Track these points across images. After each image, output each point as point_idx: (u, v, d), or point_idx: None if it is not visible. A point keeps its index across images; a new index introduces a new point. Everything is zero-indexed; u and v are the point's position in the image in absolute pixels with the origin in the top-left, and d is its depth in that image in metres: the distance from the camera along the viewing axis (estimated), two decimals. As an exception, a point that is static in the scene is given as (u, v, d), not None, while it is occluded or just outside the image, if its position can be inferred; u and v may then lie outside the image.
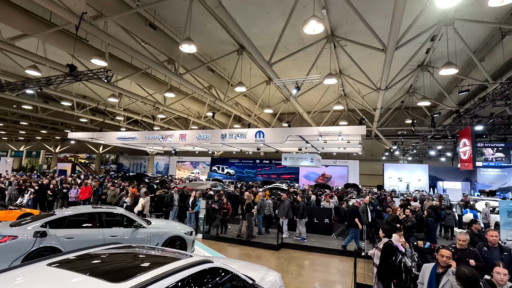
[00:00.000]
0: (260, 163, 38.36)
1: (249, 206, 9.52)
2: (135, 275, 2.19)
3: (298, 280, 6.18)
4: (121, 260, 2.84)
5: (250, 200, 9.80)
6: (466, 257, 4.32)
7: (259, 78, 18.42)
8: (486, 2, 7.04)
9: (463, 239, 4.53)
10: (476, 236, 5.87)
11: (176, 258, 2.73)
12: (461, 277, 2.62)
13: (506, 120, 15.69)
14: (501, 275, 3.04)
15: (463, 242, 4.50)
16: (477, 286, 2.54)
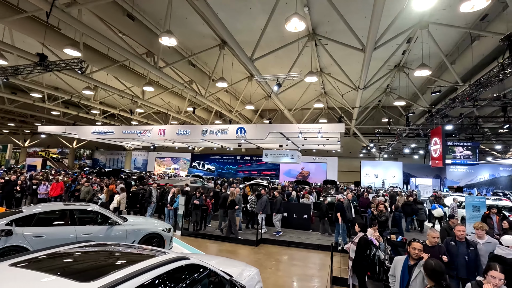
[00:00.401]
0: (241, 160, 38.35)
1: (232, 202, 9.49)
2: (106, 273, 2.10)
3: (276, 275, 6.26)
4: (92, 258, 2.72)
5: (234, 197, 9.77)
6: (437, 253, 4.17)
7: (241, 74, 18.32)
8: (458, 7, 7.37)
9: (435, 236, 4.33)
10: (452, 230, 5.79)
11: (151, 255, 2.66)
12: (428, 268, 2.76)
13: (474, 121, 16.65)
14: (497, 280, 2.81)
15: (433, 239, 4.31)
16: (442, 277, 2.70)
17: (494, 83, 10.31)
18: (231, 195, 9.77)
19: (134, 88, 19.43)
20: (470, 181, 31.69)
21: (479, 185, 31.18)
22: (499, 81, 10.11)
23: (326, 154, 33.16)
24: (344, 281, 5.40)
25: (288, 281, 6.01)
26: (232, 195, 9.71)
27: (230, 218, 9.38)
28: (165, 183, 14.55)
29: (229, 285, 3.02)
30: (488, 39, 11.06)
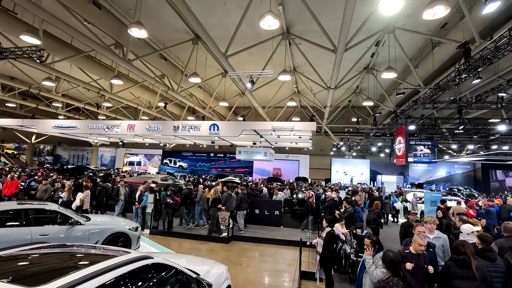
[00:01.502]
0: (215, 157, 37.96)
1: (215, 200, 9.42)
2: (57, 277, 1.94)
3: (246, 272, 6.29)
4: (44, 261, 2.51)
5: (216, 195, 9.68)
6: (422, 263, 3.58)
7: (215, 70, 18.08)
8: (421, 14, 7.81)
9: (423, 243, 3.67)
10: (411, 227, 5.60)
11: (111, 255, 2.52)
12: (386, 260, 2.93)
13: (433, 122, 17.85)
14: None
15: (420, 247, 3.66)
16: (399, 267, 2.88)
17: (451, 87, 11.11)
18: (214, 193, 9.73)
19: (101, 81, 18.44)
20: (429, 178, 34.07)
21: (437, 182, 33.63)
22: (455, 85, 10.90)
23: (299, 152, 33.83)
24: (311, 275, 5.55)
25: (258, 277, 6.06)
26: (215, 193, 9.66)
27: (212, 216, 9.31)
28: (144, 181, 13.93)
29: (195, 283, 2.97)
30: (447, 45, 11.86)
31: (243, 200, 9.97)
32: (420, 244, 3.68)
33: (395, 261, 2.91)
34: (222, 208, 9.75)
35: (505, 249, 4.05)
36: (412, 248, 3.75)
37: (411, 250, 3.74)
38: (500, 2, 6.33)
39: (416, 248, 3.69)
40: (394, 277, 2.87)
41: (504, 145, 21.57)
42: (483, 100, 13.50)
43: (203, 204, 10.17)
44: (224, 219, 9.84)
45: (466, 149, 25.84)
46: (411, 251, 3.72)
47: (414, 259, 3.58)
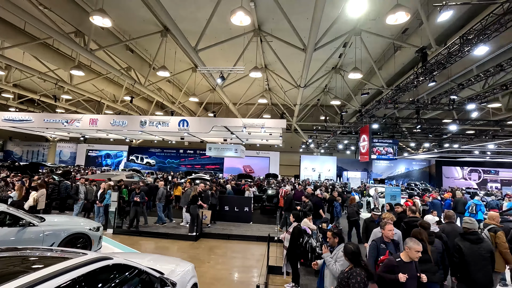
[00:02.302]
0: (184, 153, 37.12)
1: (194, 198, 9.23)
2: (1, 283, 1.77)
3: (215, 269, 6.25)
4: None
5: (196, 192, 9.44)
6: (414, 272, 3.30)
7: (185, 64, 17.61)
8: (385, 19, 8.22)
9: (419, 249, 3.30)
10: (372, 222, 5.85)
11: (65, 258, 2.35)
12: (348, 252, 3.07)
13: (394, 121, 19.00)
14: None
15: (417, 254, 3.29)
16: (360, 258, 3.03)
17: (410, 88, 11.88)
18: (194, 190, 9.60)
19: (60, 71, 17.12)
20: (390, 174, 36.36)
21: (397, 177, 35.98)
22: (414, 87, 11.67)
23: (269, 149, 34.23)
24: (279, 269, 5.66)
25: (226, 273, 6.06)
26: (195, 191, 9.54)
27: (193, 213, 9.18)
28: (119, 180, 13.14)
29: (158, 283, 2.89)
30: (408, 50, 12.64)
31: (205, 197, 9.88)
32: (417, 250, 3.27)
33: (356, 253, 3.06)
34: (204, 205, 9.68)
35: (446, 232, 4.88)
36: (405, 255, 3.32)
37: (403, 258, 3.32)
38: (453, 12, 6.86)
39: (412, 256, 3.28)
40: (356, 267, 3.01)
41: (455, 143, 23.59)
42: (437, 102, 14.62)
43: (163, 201, 9.95)
44: (205, 217, 9.72)
45: (422, 147, 27.88)
46: (402, 259, 3.31)
47: (407, 268, 3.22)
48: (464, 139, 23.09)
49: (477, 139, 21.71)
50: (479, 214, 9.60)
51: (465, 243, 4.12)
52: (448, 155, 29.79)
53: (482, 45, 7.76)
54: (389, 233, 4.18)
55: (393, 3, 8.20)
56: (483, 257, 4.00)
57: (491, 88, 13.21)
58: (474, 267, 3.92)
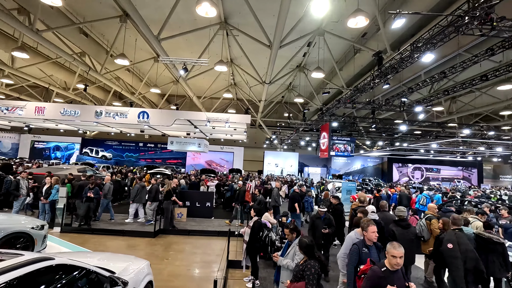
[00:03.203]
0: (144, 147, 35.47)
1: (168, 193, 8.98)
2: None
3: (173, 265, 6.10)
4: None
5: (170, 187, 9.19)
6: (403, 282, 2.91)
7: (146, 53, 16.74)
8: (346, 22, 8.60)
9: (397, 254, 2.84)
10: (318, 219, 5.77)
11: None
12: (302, 245, 3.18)
13: (353, 120, 20.09)
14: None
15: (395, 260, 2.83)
16: (314, 250, 3.16)
17: (367, 90, 12.62)
18: (167, 185, 9.33)
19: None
20: (347, 170, 38.55)
21: (353, 173, 38.26)
22: (370, 88, 12.41)
23: (233, 144, 34.16)
24: (238, 264, 5.70)
25: (185, 269, 5.95)
26: (168, 186, 9.27)
27: (166, 209, 8.89)
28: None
29: (108, 283, 2.73)
30: (366, 53, 13.37)
31: (157, 192, 9.55)
32: (394, 255, 2.82)
33: (310, 246, 3.18)
34: (180, 203, 9.42)
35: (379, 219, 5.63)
36: (388, 263, 2.89)
37: (388, 266, 2.90)
38: (405, 20, 7.41)
39: (390, 262, 2.88)
40: (311, 260, 3.13)
41: (404, 142, 25.70)
42: (390, 103, 15.75)
43: (111, 197, 9.48)
44: (180, 215, 9.35)
45: (376, 145, 29.93)
46: (388, 267, 2.89)
47: (395, 279, 2.81)
48: (412, 138, 25.25)
49: (423, 139, 23.87)
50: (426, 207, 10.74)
51: (397, 228, 4.96)
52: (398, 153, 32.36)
53: (429, 53, 8.49)
54: (372, 235, 3.66)
55: (354, 7, 8.61)
56: (410, 239, 4.93)
57: (436, 93, 14.58)
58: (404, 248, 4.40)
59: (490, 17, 6.45)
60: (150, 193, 9.46)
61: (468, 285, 4.05)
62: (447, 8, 9.17)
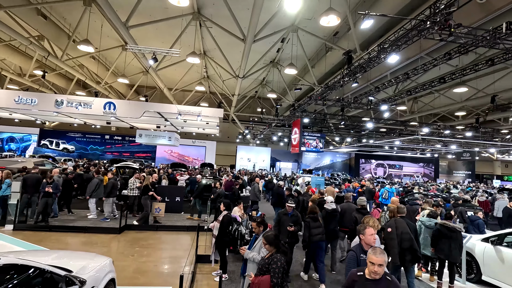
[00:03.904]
0: (110, 139, 33.78)
1: (146, 188, 8.72)
2: None
3: (138, 262, 5.90)
4: None
5: (148, 182, 8.88)
6: None
7: (114, 40, 15.85)
8: (319, 20, 8.76)
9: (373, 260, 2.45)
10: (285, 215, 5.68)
11: None
12: (268, 240, 3.22)
13: (323, 116, 20.67)
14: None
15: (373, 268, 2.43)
16: (280, 244, 3.22)
17: (337, 88, 13.01)
18: (146, 180, 8.96)
19: None
20: (317, 165, 39.74)
21: (323, 168, 39.53)
22: (340, 86, 12.81)
23: (206, 138, 33.70)
24: (207, 258, 5.66)
25: (151, 265, 5.78)
26: (147, 180, 8.92)
27: (144, 205, 8.61)
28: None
29: (63, 282, 2.57)
30: (337, 51, 13.76)
31: (114, 186, 9.20)
32: (372, 261, 2.44)
33: (276, 240, 3.24)
34: (158, 198, 9.13)
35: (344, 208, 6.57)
36: (369, 271, 2.49)
37: (366, 273, 2.54)
38: (374, 21, 7.71)
39: (369, 270, 2.49)
40: (277, 253, 3.17)
41: (371, 139, 26.98)
42: (359, 101, 16.41)
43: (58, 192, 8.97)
44: (158, 210, 9.00)
45: (345, 141, 31.12)
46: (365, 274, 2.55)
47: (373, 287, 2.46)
48: (377, 135, 26.58)
49: (387, 136, 25.23)
50: (389, 200, 11.48)
51: (359, 215, 5.74)
52: (365, 149, 33.95)
53: (394, 54, 8.93)
54: (370, 238, 3.32)
55: (327, 6, 8.79)
56: None
57: (400, 93, 15.43)
58: None
59: (449, 23, 6.91)
60: (106, 188, 9.04)
61: (405, 263, 4.67)
62: (412, 12, 9.69)
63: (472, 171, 39.80)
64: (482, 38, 7.79)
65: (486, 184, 31.91)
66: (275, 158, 37.59)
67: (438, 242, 5.42)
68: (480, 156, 35.31)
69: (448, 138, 21.63)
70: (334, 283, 5.44)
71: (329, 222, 5.92)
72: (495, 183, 32.19)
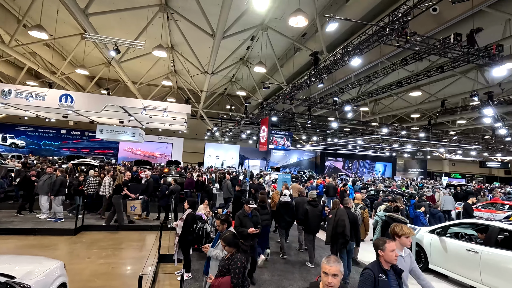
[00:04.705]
0: (68, 134, 31.42)
1: (119, 187, 8.38)
2: None
3: (95, 264, 5.58)
4: None
5: (121, 181, 8.55)
6: None
7: (71, 27, 14.74)
8: (288, 20, 8.89)
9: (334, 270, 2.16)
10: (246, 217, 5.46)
11: None
12: (227, 241, 3.20)
13: (291, 115, 21.10)
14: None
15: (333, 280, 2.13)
16: (239, 243, 3.22)
17: (304, 88, 13.35)
18: (118, 178, 8.61)
19: None
20: (285, 163, 40.57)
21: (290, 166, 40.44)
22: (307, 86, 13.16)
23: (173, 135, 32.76)
24: (171, 257, 5.53)
25: (109, 267, 5.50)
26: (120, 179, 8.59)
27: (117, 204, 8.26)
28: None
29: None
30: (305, 52, 14.09)
31: (63, 184, 8.66)
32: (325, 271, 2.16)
33: (235, 240, 3.23)
34: (132, 195, 8.77)
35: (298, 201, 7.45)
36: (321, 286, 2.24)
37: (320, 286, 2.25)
38: (338, 25, 8.00)
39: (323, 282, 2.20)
40: (237, 253, 3.16)
41: (335, 138, 28.14)
42: (325, 101, 16.99)
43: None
44: (134, 208, 8.54)
45: (311, 140, 32.10)
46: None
47: None
48: (342, 135, 27.79)
49: (351, 135, 26.48)
50: (351, 195, 12.11)
51: (309, 207, 6.56)
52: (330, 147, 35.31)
53: (357, 57, 9.37)
54: (391, 255, 2.71)
55: (296, 6, 8.95)
56: (317, 215, 6.55)
57: (362, 94, 16.23)
58: (312, 220, 6.49)
59: (405, 31, 7.41)
60: (54, 186, 8.44)
61: (338, 245, 5.50)
62: (375, 18, 10.23)
63: (425, 169, 43.30)
64: (433, 46, 8.46)
65: (436, 180, 34.95)
66: (244, 155, 37.67)
67: (385, 233, 5.90)
68: (431, 155, 38.52)
69: (404, 138, 23.29)
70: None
71: (284, 213, 6.99)
72: (443, 180, 35.33)
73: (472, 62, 9.10)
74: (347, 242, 5.46)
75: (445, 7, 8.23)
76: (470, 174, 45.21)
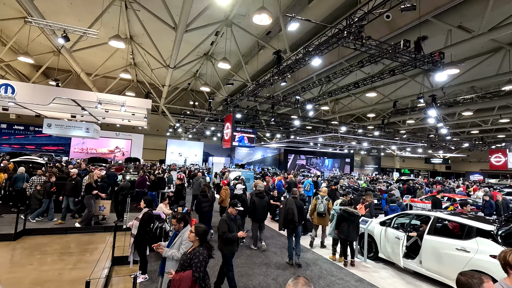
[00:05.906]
0: (9, 129, 28.26)
1: (88, 186, 8.09)
2: None
3: (39, 271, 5.09)
4: None
5: (92, 180, 8.25)
6: None
7: (12, 9, 13.25)
8: (252, 17, 8.88)
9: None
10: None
11: None
12: (199, 232, 3.15)
13: (255, 113, 21.24)
14: None
15: None
16: (206, 238, 3.19)
17: (268, 85, 13.51)
18: (89, 177, 8.29)
19: None
20: (249, 160, 40.82)
21: (255, 163, 40.81)
22: (270, 84, 13.34)
23: (132, 131, 31.15)
24: (126, 259, 5.26)
25: (55, 274, 5.06)
26: (90, 178, 8.25)
27: (88, 204, 7.99)
28: None
29: None
30: (269, 50, 14.22)
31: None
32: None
33: (205, 233, 3.20)
34: (102, 195, 8.32)
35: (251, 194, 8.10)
36: None
37: None
38: (299, 25, 8.20)
39: None
40: (200, 247, 3.12)
41: (298, 135, 28.96)
42: (288, 100, 17.36)
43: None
44: (103, 208, 7.85)
45: (275, 137, 32.66)
46: None
47: None
48: (304, 132, 28.68)
49: (312, 133, 27.44)
50: (311, 191, 12.54)
51: (256, 198, 7.42)
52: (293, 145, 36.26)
53: (318, 58, 9.69)
54: None
55: (260, 4, 8.97)
56: (263, 206, 7.45)
57: (323, 94, 16.88)
58: (259, 211, 7.35)
59: (361, 35, 7.84)
60: None
61: (289, 230, 6.24)
62: (335, 21, 10.65)
63: (379, 165, 46.50)
64: (386, 51, 9.07)
65: (388, 175, 37.75)
66: (208, 152, 37.14)
67: (340, 225, 6.39)
68: (384, 152, 41.48)
69: (361, 136, 24.74)
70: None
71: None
72: (395, 175, 38.26)
73: (418, 67, 9.93)
74: (296, 227, 6.19)
75: (397, 15, 8.84)
76: (417, 169, 49.59)
